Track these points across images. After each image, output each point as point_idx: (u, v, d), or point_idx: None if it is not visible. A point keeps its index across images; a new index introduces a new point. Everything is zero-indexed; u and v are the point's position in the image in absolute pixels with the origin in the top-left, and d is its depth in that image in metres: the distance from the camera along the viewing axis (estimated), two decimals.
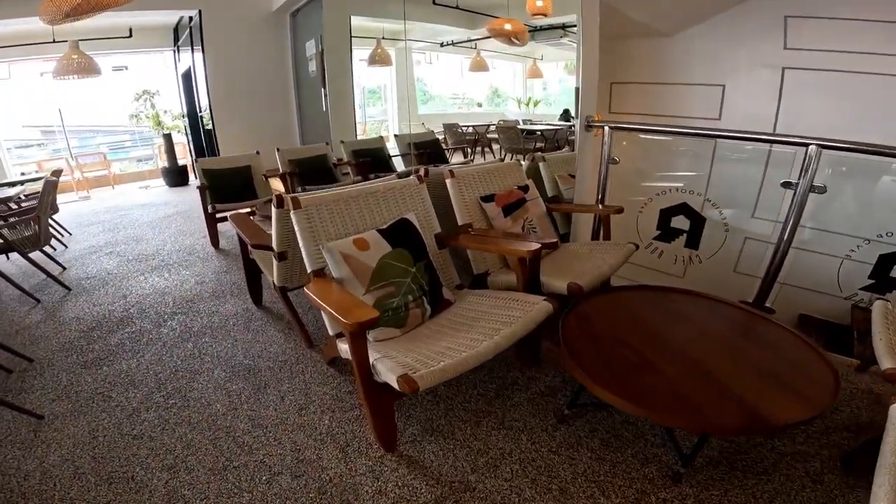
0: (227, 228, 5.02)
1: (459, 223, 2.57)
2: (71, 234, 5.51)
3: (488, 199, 2.68)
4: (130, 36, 7.57)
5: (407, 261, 2.08)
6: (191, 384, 2.42)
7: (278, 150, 5.27)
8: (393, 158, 6.19)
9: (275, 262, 2.46)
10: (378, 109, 10.64)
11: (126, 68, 9.82)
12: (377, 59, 8.52)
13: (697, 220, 2.98)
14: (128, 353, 2.79)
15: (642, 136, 3.24)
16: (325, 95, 6.57)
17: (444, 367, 1.56)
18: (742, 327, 1.99)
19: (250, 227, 2.75)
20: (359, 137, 7.39)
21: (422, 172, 2.53)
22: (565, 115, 12.42)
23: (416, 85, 12.27)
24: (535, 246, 2.02)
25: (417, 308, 2.05)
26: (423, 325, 2.07)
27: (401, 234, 2.14)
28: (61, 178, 8.79)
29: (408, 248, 2.12)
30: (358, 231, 2.12)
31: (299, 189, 4.87)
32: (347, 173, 5.71)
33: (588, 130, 3.05)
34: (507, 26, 6.12)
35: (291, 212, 2.00)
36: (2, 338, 3.04)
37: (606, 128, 2.95)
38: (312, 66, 6.88)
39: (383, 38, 8.74)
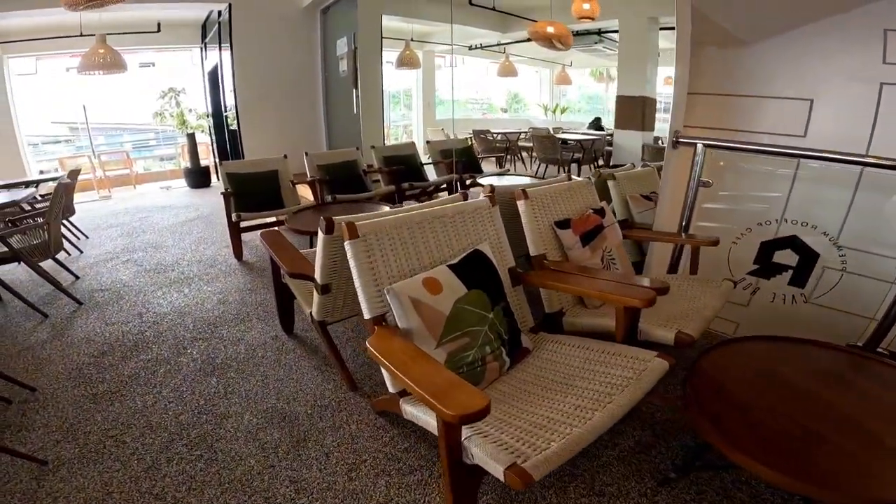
0: (251, 238, 4.71)
1: (532, 253, 2.22)
2: (87, 238, 5.25)
3: (563, 224, 2.33)
4: (159, 31, 7.35)
5: (484, 305, 1.74)
6: (217, 431, 2.09)
7: (307, 154, 4.96)
8: (424, 166, 5.87)
9: (315, 294, 2.12)
10: (397, 114, 10.40)
11: (153, 65, 9.66)
12: (405, 61, 8.25)
13: (808, 256, 2.61)
14: (143, 385, 2.47)
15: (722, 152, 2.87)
16: (358, 97, 6.25)
17: (559, 450, 1.22)
18: (878, 378, 1.62)
19: (286, 252, 2.41)
20: (386, 143, 7.12)
21: (488, 190, 2.19)
22: (596, 123, 12.00)
23: (439, 89, 12.03)
24: (650, 294, 1.65)
25: (495, 361, 1.71)
26: (499, 379, 1.73)
27: (475, 270, 1.80)
28: (82, 177, 8.70)
29: (485, 289, 1.77)
30: (424, 266, 1.77)
31: (329, 198, 4.55)
32: (377, 181, 5.40)
33: (676, 147, 2.68)
34: (550, 29, 5.77)
35: (346, 242, 1.65)
36: (3, 359, 2.74)
37: (699, 145, 2.58)
38: (343, 66, 6.58)
39: (412, 39, 8.48)
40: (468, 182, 5.67)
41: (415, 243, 1.77)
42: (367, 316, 1.63)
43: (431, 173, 5.99)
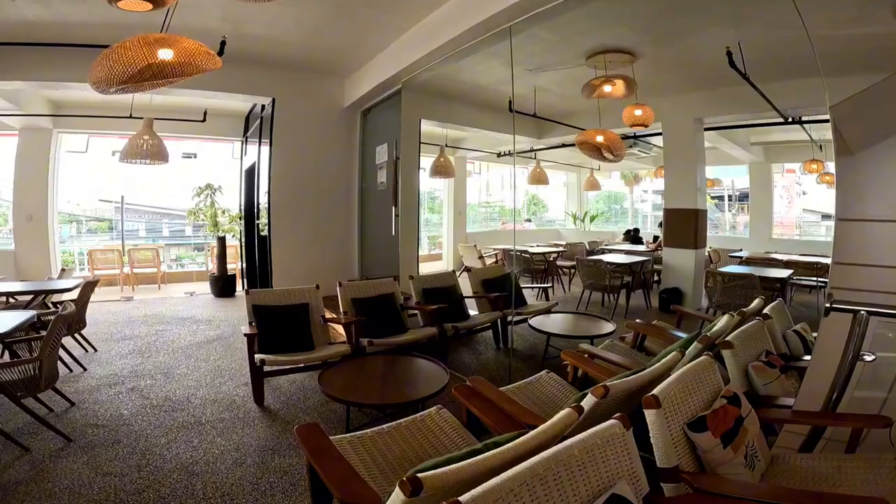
0: (273, 378, 4.09)
1: (664, 465, 1.65)
2: (96, 352, 4.80)
3: (699, 426, 1.76)
4: (204, 120, 7.31)
5: None
6: None
7: (341, 284, 4.49)
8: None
9: None
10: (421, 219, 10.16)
11: (195, 156, 9.82)
12: (440, 169, 7.91)
13: None
14: None
15: None
16: (397, 216, 5.83)
17: None
18: None
19: (333, 465, 1.74)
20: (422, 266, 6.64)
21: (599, 392, 1.66)
22: (634, 234, 11.20)
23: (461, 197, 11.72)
24: None
25: None
26: None
27: None
28: (109, 272, 8.54)
29: None
30: None
31: (364, 342, 4.00)
32: (415, 315, 4.85)
33: (828, 315, 2.11)
34: (600, 138, 5.43)
35: None
36: None
37: (862, 313, 2.01)
38: (382, 177, 6.27)
39: (446, 145, 8.28)
40: (515, 319, 5.10)
41: None
42: None
43: (474, 308, 5.45)
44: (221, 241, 7.91)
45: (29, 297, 4.87)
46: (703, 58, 5.42)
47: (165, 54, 2.51)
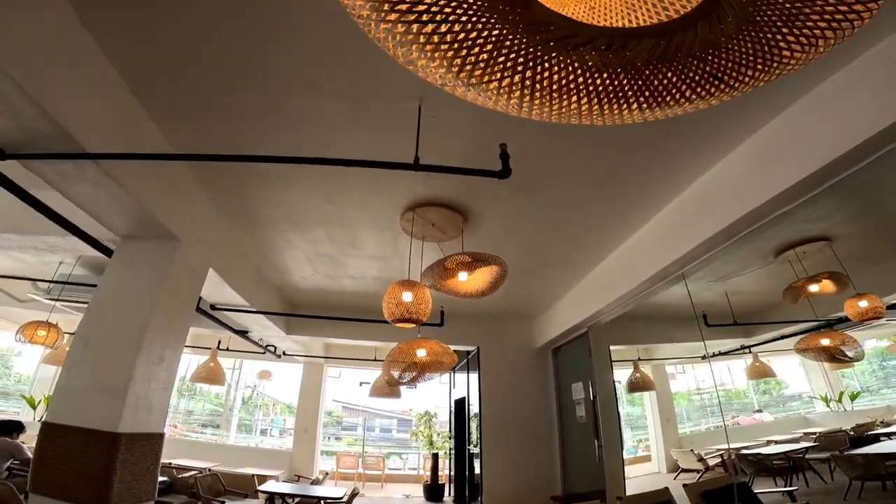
0: None
1: None
2: None
3: None
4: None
5: None
6: None
7: None
8: None
9: None
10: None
11: (416, 386, 11.98)
12: (638, 385, 8.02)
13: None
14: None
15: None
16: (600, 446, 6.21)
17: None
18: None
19: None
20: (629, 468, 6.56)
21: None
22: None
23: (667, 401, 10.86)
24: None
25: None
26: None
27: None
28: (349, 471, 10.91)
29: None
30: None
31: None
32: None
33: None
34: (825, 341, 4.69)
35: None
36: None
37: None
38: (581, 412, 6.80)
39: (639, 359, 8.42)
40: None
41: None
42: None
43: None
44: (434, 456, 9.49)
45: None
46: None
47: (421, 353, 4.24)
